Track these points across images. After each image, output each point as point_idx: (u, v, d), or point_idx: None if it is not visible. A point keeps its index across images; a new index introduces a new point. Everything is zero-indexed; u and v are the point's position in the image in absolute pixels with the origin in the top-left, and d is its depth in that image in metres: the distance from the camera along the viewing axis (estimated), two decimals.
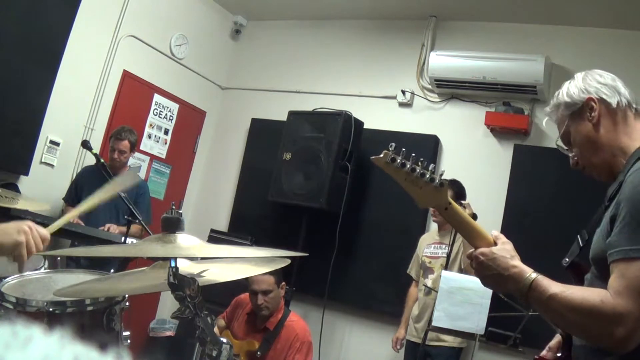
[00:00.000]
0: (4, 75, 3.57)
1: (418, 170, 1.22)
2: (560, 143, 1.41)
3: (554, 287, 1.17)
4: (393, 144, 1.24)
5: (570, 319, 1.15)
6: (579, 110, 1.34)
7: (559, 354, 1.40)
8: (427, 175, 1.23)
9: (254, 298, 2.96)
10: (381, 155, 1.22)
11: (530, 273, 1.21)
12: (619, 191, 1.21)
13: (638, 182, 1.16)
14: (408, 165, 1.22)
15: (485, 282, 1.30)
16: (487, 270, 1.26)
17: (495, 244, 1.29)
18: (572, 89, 1.36)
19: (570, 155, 1.40)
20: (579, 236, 1.39)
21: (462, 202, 3.33)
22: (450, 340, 3.43)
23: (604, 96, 1.32)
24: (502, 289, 1.29)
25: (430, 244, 3.70)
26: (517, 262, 1.24)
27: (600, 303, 1.10)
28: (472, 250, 1.31)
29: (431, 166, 1.26)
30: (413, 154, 1.25)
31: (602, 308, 1.09)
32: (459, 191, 3.55)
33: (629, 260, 1.10)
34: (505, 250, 1.26)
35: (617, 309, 1.08)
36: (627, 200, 1.15)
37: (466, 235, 1.34)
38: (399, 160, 1.21)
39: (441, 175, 1.27)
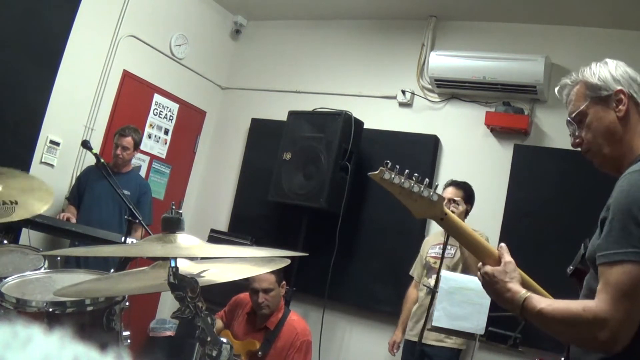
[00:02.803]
0: (4, 75, 3.57)
1: (411, 184, 1.35)
2: (569, 118, 1.38)
3: (541, 303, 1.26)
4: (388, 161, 1.35)
5: (558, 329, 1.24)
6: (605, 97, 1.32)
7: (562, 359, 1.41)
8: (420, 189, 1.35)
9: (254, 296, 2.96)
10: (377, 172, 1.34)
11: (521, 294, 1.30)
12: None
13: (626, 186, 1.18)
14: (402, 180, 1.34)
15: (491, 297, 1.42)
16: (489, 289, 1.39)
17: (500, 260, 1.38)
18: (604, 73, 1.33)
19: (575, 133, 1.37)
20: (583, 244, 1.40)
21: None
22: (450, 342, 3.42)
23: (634, 93, 1.31)
24: (503, 306, 1.38)
25: (435, 245, 3.69)
26: (512, 284, 1.33)
27: (582, 311, 1.16)
28: (480, 265, 1.41)
29: (425, 181, 1.37)
30: (407, 170, 1.37)
31: (584, 315, 1.15)
32: (468, 194, 3.56)
33: (612, 264, 1.14)
34: (504, 273, 1.35)
35: (599, 314, 1.13)
36: (614, 204, 1.18)
37: (466, 245, 1.45)
38: (393, 176, 1.34)
39: (435, 188, 1.38)
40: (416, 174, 1.37)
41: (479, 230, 2.85)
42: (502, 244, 1.42)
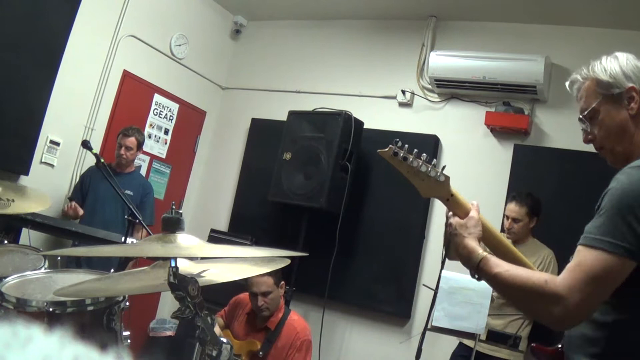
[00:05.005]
0: (4, 75, 3.57)
1: (419, 163, 1.35)
2: (580, 115, 1.38)
3: (499, 267, 1.26)
4: (398, 140, 1.36)
5: (513, 295, 1.27)
6: (617, 95, 1.31)
7: (559, 345, 1.42)
8: (428, 169, 1.36)
9: (254, 300, 2.96)
10: (386, 149, 1.35)
11: (478, 253, 1.30)
12: None
13: (623, 180, 1.20)
14: (410, 159, 1.35)
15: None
16: (451, 240, 1.38)
17: None
18: (615, 69, 1.32)
19: (587, 130, 1.37)
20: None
21: None
22: (505, 352, 3.18)
23: None
24: (460, 262, 1.37)
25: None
26: (469, 241, 1.33)
27: (543, 283, 1.17)
28: (450, 214, 1.40)
29: (433, 161, 1.38)
30: (416, 150, 1.37)
31: (544, 288, 1.16)
32: (532, 207, 3.36)
33: (590, 247, 1.16)
34: (464, 227, 1.35)
35: (560, 291, 1.14)
36: (609, 194, 1.20)
37: None
38: (401, 154, 1.34)
39: (443, 169, 1.39)
40: (424, 154, 1.38)
41: None
42: (474, 202, 1.42)
